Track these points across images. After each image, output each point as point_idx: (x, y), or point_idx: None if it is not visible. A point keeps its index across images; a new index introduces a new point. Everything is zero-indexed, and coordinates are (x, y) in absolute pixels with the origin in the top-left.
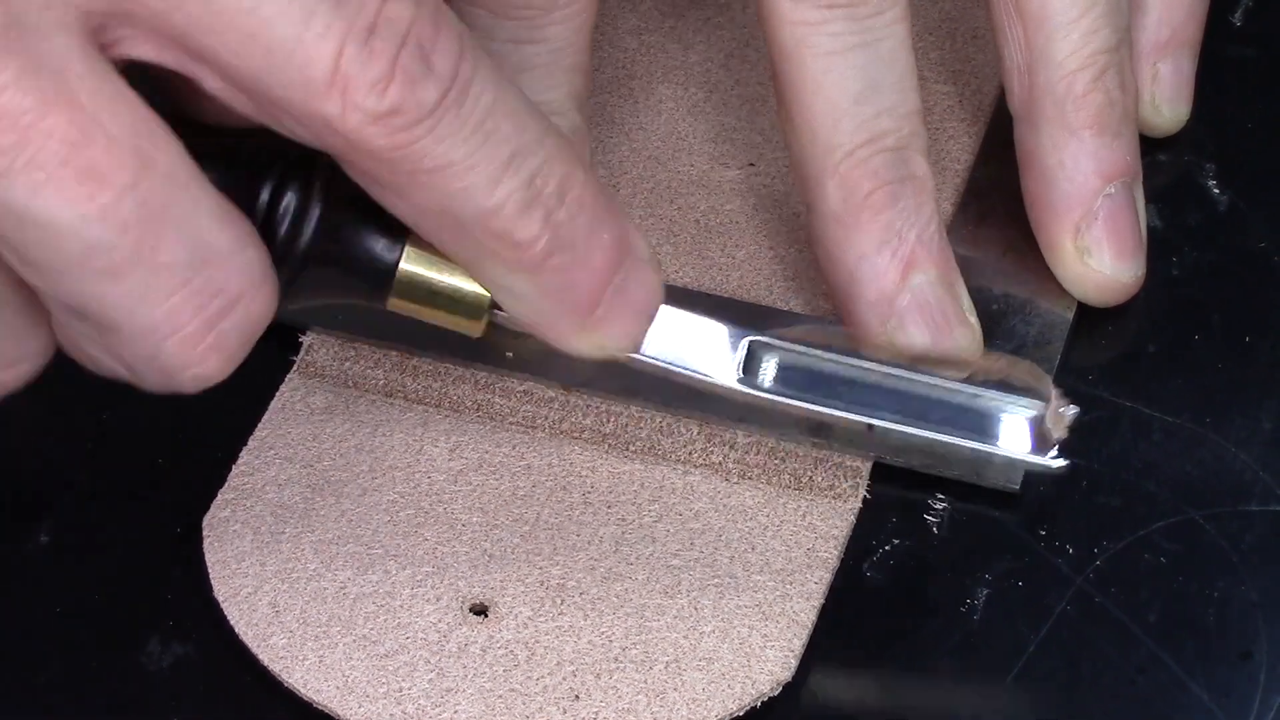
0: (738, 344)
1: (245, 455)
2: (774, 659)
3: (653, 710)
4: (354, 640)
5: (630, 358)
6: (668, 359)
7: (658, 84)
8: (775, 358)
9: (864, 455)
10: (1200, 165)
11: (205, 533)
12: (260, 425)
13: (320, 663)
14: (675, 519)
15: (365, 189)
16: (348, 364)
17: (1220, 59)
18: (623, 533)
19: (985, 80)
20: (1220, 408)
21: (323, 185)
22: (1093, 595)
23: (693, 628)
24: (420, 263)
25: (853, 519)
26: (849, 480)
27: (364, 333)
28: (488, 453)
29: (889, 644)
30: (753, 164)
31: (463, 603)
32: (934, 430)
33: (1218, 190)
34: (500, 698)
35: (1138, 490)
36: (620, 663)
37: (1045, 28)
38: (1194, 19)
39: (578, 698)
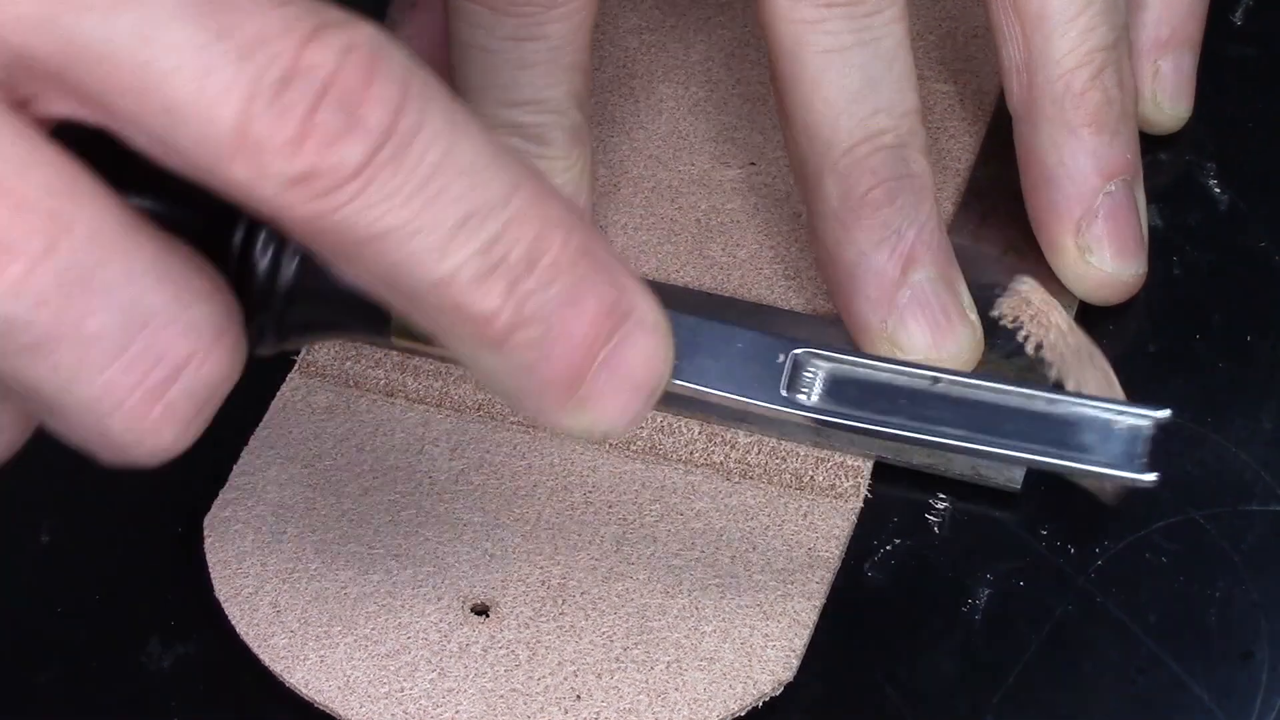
0: (780, 357)
1: (246, 455)
2: (775, 659)
3: (654, 710)
4: (355, 640)
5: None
6: (703, 382)
7: (659, 83)
8: (822, 370)
9: (865, 454)
10: (1201, 165)
11: (206, 532)
12: (261, 425)
13: (321, 662)
14: (676, 519)
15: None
16: (349, 363)
17: (1221, 58)
18: (624, 532)
19: (986, 79)
20: (1221, 407)
21: None
22: (1094, 595)
23: (694, 627)
24: None
25: (854, 518)
26: (850, 480)
27: None
28: (489, 452)
29: (890, 644)
30: (754, 163)
31: (464, 602)
32: (1019, 449)
33: (1218, 190)
34: (502, 697)
35: (1138, 490)
36: (621, 662)
37: (1043, 27)
38: (1194, 17)
39: (579, 697)
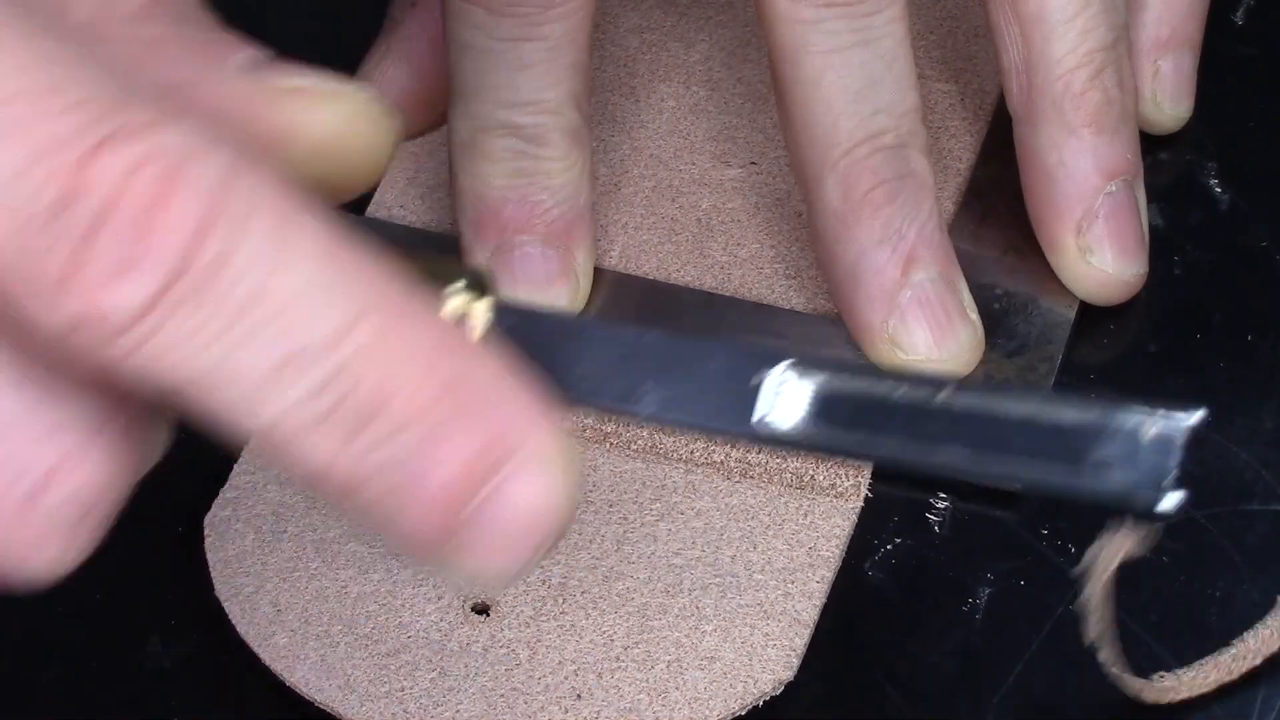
0: (754, 377)
1: (246, 454)
2: (776, 658)
3: (654, 709)
4: (355, 639)
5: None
6: (666, 411)
7: (659, 82)
8: (807, 386)
9: None
10: (1202, 164)
11: (206, 532)
12: None
13: (322, 662)
14: (677, 518)
15: None
16: None
17: (1221, 58)
18: (624, 532)
19: (987, 79)
20: (1222, 407)
21: None
22: None
23: (694, 627)
24: None
25: (854, 518)
26: (851, 479)
27: None
28: None
29: (890, 643)
30: (754, 162)
31: (464, 602)
32: (1030, 470)
33: (1219, 189)
34: (502, 697)
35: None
36: (622, 662)
37: (1041, 27)
38: (1194, 16)
39: (579, 697)
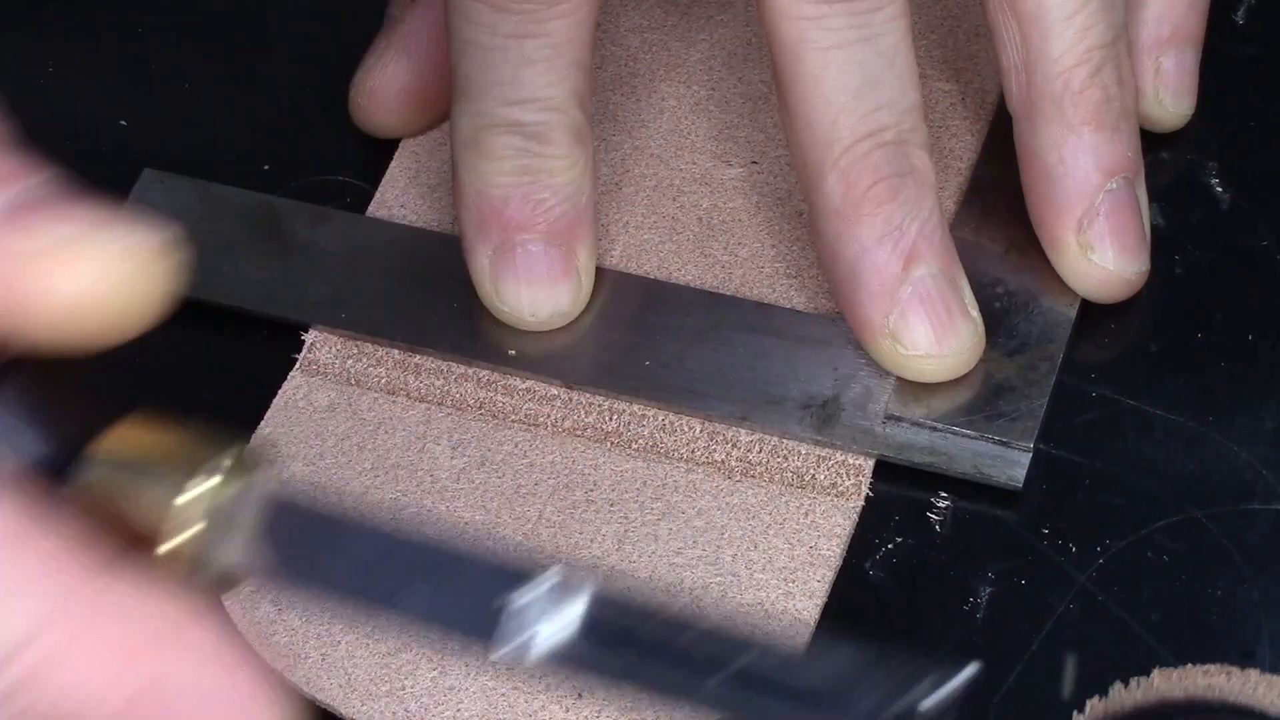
0: (498, 599)
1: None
2: None
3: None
4: (356, 638)
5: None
6: (418, 624)
7: (660, 81)
8: (557, 616)
9: (867, 453)
10: (1203, 163)
11: None
12: (262, 423)
13: (323, 660)
14: (678, 517)
15: None
16: (350, 361)
17: (1222, 57)
18: (625, 531)
19: (987, 78)
20: (1222, 406)
21: None
22: (1095, 594)
23: None
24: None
25: (855, 517)
26: (851, 478)
27: (367, 330)
28: (490, 450)
29: (891, 642)
30: (755, 161)
31: None
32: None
33: (1220, 189)
34: (503, 696)
35: (1140, 489)
36: None
37: (1040, 25)
38: (1196, 12)
39: (580, 695)
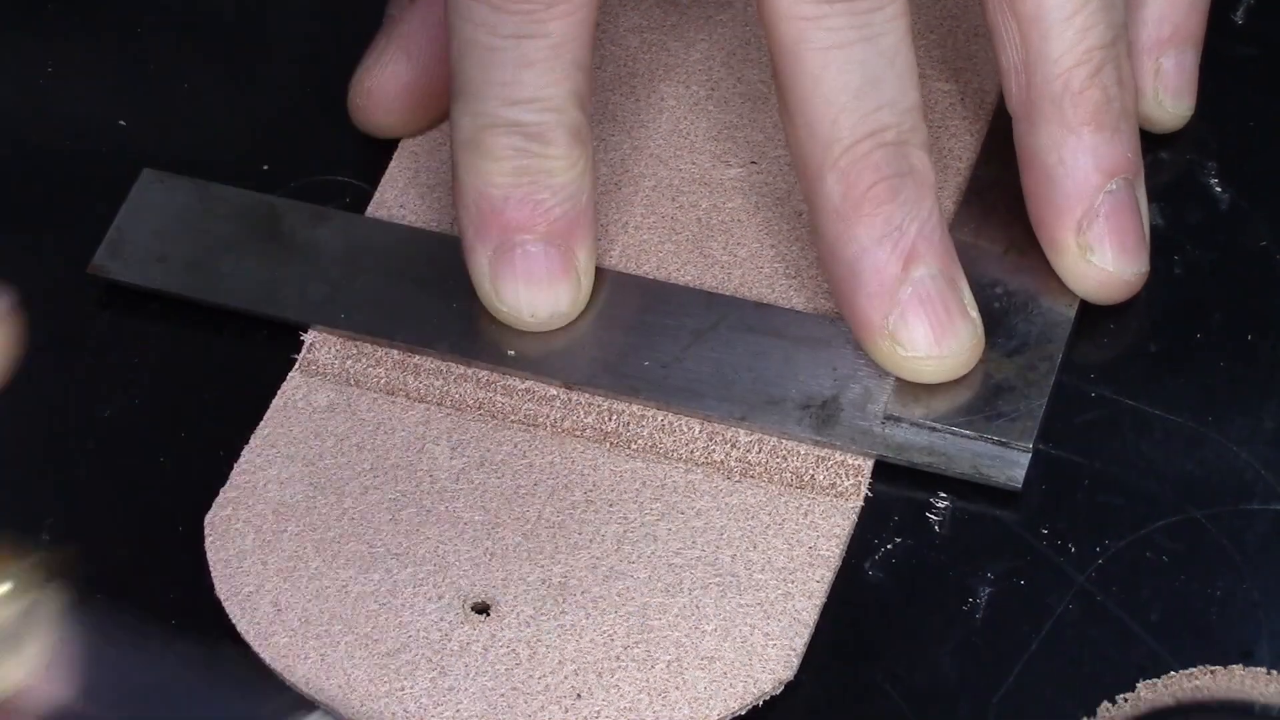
0: None
1: (247, 454)
2: (776, 657)
3: (654, 709)
4: (356, 639)
5: None
6: None
7: (659, 82)
8: None
9: (866, 453)
10: (1202, 164)
11: (207, 531)
12: (262, 423)
13: (322, 661)
14: (677, 517)
15: None
16: (349, 362)
17: (1222, 57)
18: (624, 531)
19: (987, 78)
20: (1222, 406)
21: None
22: (1094, 594)
23: (694, 626)
24: None
25: (855, 517)
26: (851, 478)
27: (366, 330)
28: (489, 451)
29: (890, 643)
30: (755, 162)
31: (464, 601)
32: None
33: (1219, 189)
34: (502, 696)
35: (1139, 489)
36: (622, 661)
37: (1040, 26)
38: (1196, 13)
39: (579, 696)
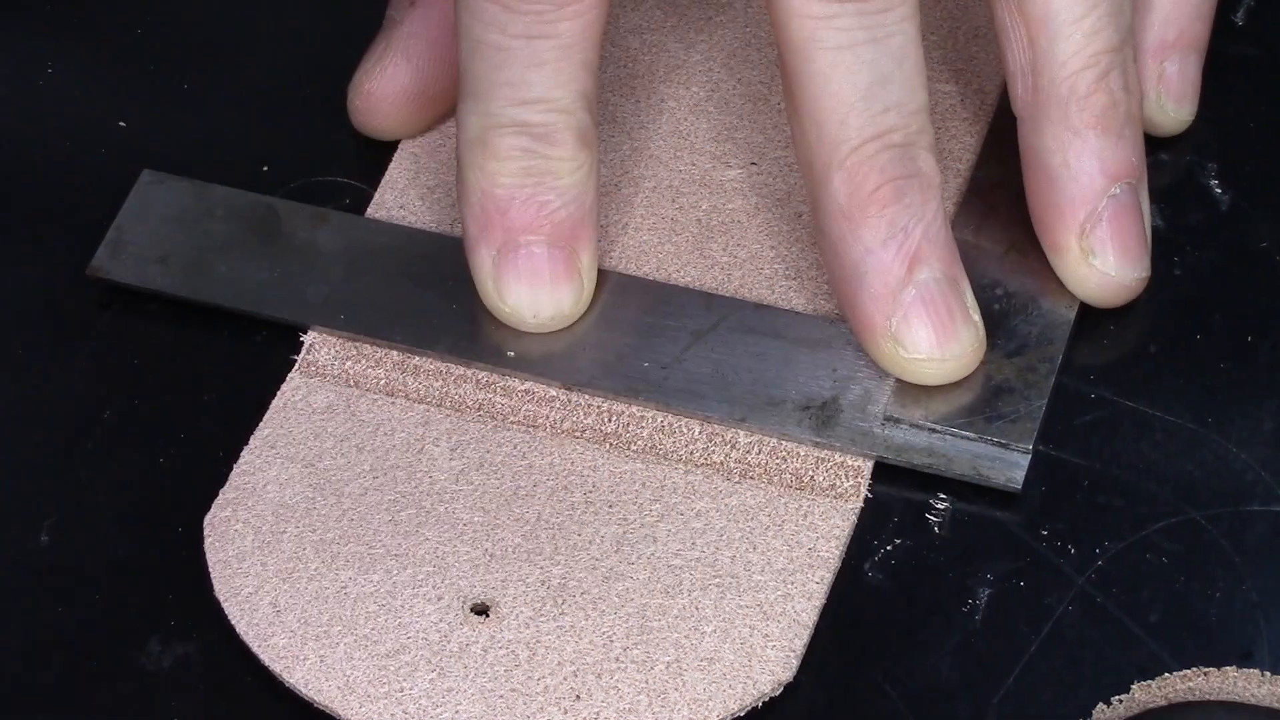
0: None
1: (246, 454)
2: (775, 659)
3: (654, 710)
4: (355, 640)
5: None
6: None
7: (659, 83)
8: None
9: (866, 454)
10: (1202, 165)
11: (206, 532)
12: (261, 424)
13: (321, 662)
14: (676, 518)
15: None
16: (349, 363)
17: (1222, 58)
18: (624, 532)
19: (987, 79)
20: (1221, 408)
21: None
22: (1094, 595)
23: (694, 627)
24: None
25: (854, 518)
26: (850, 479)
27: (365, 331)
28: (489, 452)
29: (890, 644)
30: (755, 163)
31: (464, 602)
32: None
33: (1220, 190)
34: (501, 698)
35: (1139, 490)
36: (621, 663)
37: (1048, 28)
38: (1201, 19)
39: (579, 698)
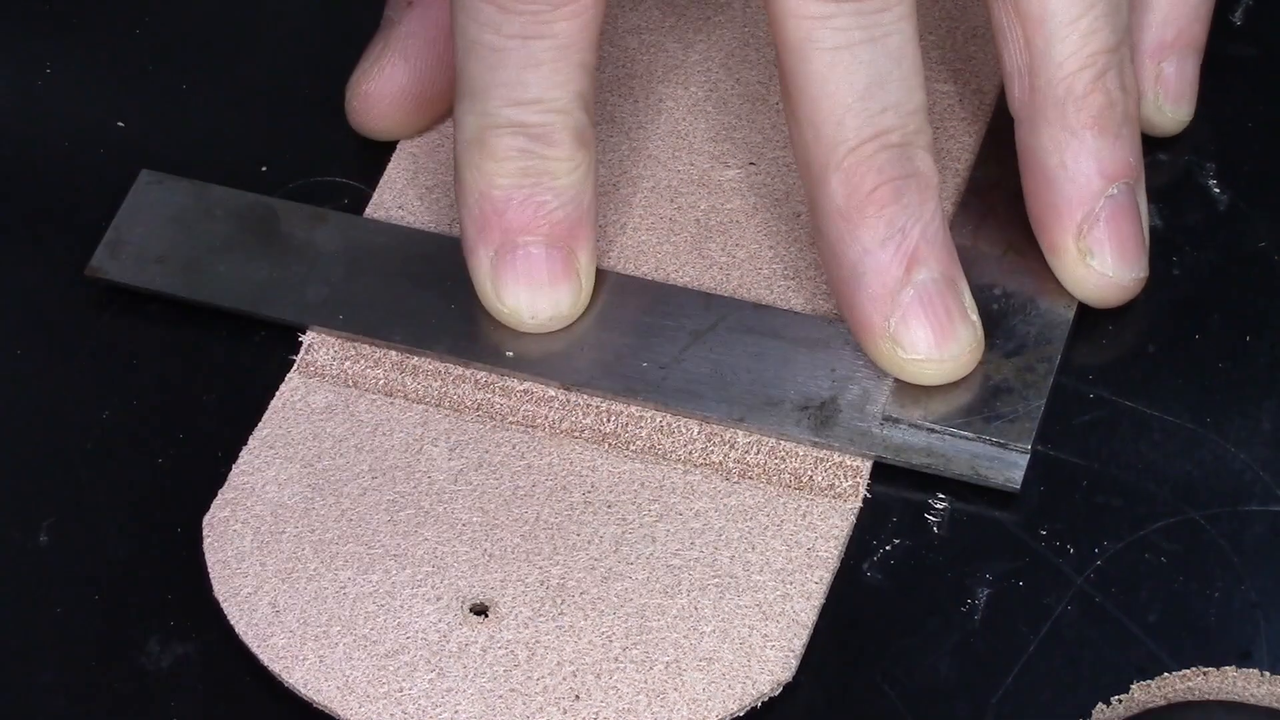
0: None
1: (245, 455)
2: (774, 659)
3: (653, 710)
4: (354, 640)
5: None
6: None
7: (658, 83)
8: None
9: (864, 454)
10: (1200, 165)
11: (205, 532)
12: (260, 425)
13: (320, 662)
14: (675, 518)
15: None
16: (348, 363)
17: (1220, 58)
18: (623, 532)
19: (985, 79)
20: (1220, 408)
21: None
22: (1093, 595)
23: (693, 627)
24: None
25: (853, 518)
26: (849, 479)
27: (364, 332)
28: (488, 452)
29: (889, 644)
30: (753, 163)
31: (463, 603)
32: None
33: (1218, 190)
34: (500, 698)
35: (1138, 490)
36: (620, 663)
37: (1045, 29)
38: (1200, 20)
39: (578, 698)
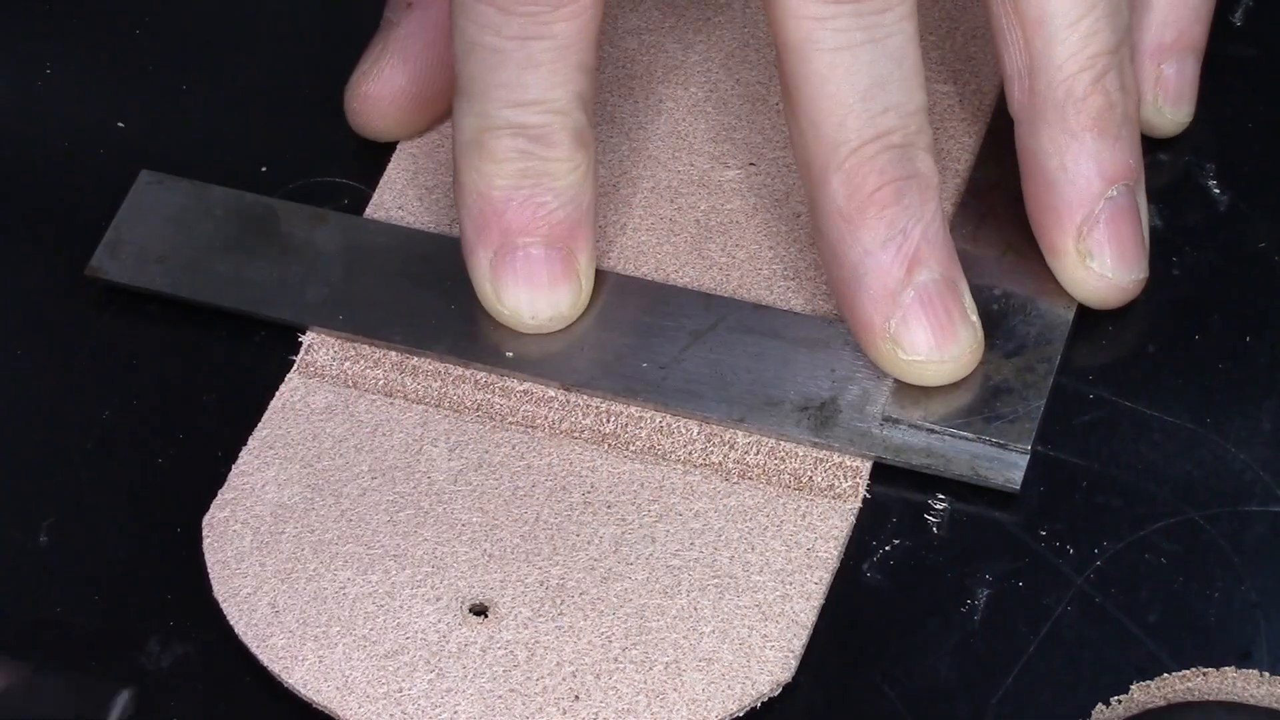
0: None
1: (245, 455)
2: (774, 659)
3: (652, 710)
4: (354, 640)
5: None
6: None
7: (658, 83)
8: None
9: (864, 455)
10: (1200, 165)
11: (205, 533)
12: (260, 425)
13: (320, 663)
14: (675, 519)
15: None
16: (347, 363)
17: (1220, 59)
18: (622, 533)
19: (985, 80)
20: (1220, 408)
21: None
22: (1093, 595)
23: (692, 628)
24: None
25: (853, 519)
26: (849, 480)
27: (364, 332)
28: (487, 453)
29: (889, 644)
30: (753, 163)
31: (462, 603)
32: None
33: (1218, 190)
34: (500, 698)
35: (1138, 490)
36: (620, 663)
37: (1044, 30)
38: (1200, 22)
39: (577, 698)
